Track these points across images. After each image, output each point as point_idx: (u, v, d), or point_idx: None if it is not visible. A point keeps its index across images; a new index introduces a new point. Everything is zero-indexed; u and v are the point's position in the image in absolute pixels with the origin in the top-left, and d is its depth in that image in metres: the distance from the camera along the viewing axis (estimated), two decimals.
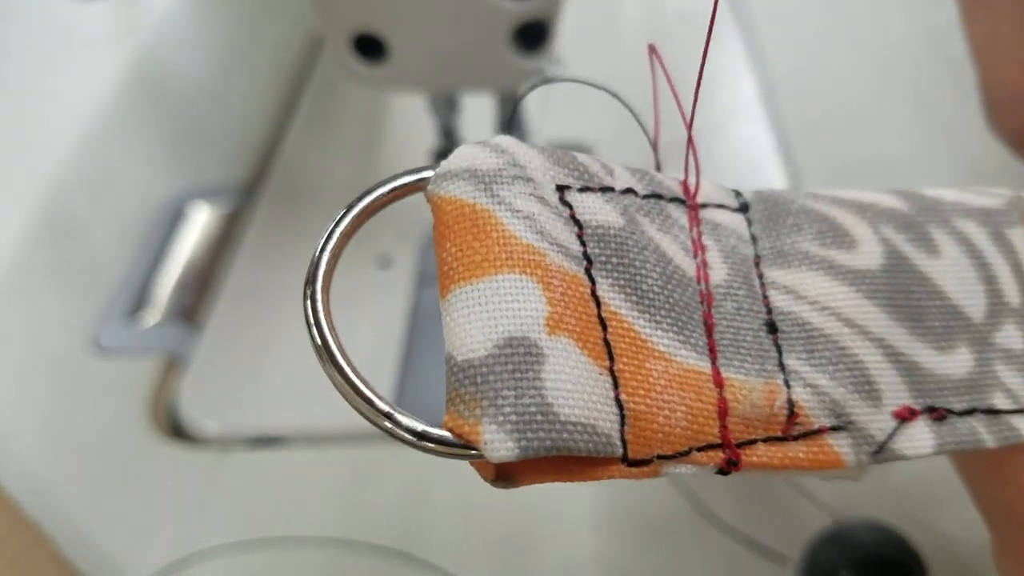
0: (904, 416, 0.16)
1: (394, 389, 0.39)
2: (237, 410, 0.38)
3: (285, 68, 0.59)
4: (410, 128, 0.52)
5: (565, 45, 0.38)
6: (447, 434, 0.13)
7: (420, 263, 0.45)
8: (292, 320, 0.41)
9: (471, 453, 0.13)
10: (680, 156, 0.16)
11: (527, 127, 0.44)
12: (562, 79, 0.19)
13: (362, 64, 0.34)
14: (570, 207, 0.15)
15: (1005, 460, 0.17)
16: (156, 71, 0.61)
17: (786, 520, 0.33)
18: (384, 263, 0.45)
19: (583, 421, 0.13)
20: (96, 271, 0.45)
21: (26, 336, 0.42)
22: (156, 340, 0.42)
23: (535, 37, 0.33)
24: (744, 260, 0.17)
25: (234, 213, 0.49)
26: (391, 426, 0.13)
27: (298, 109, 0.55)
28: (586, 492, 0.35)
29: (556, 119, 0.48)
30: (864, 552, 0.29)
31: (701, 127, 0.15)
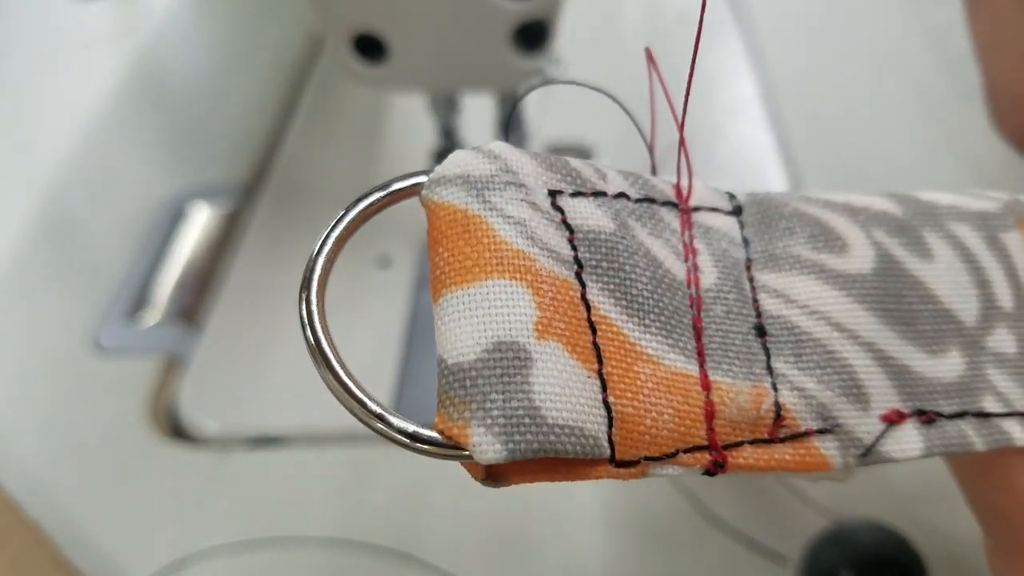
0: (892, 419, 0.16)
1: (393, 389, 0.39)
2: (237, 410, 0.38)
3: (285, 68, 0.59)
4: (410, 128, 0.52)
5: (565, 45, 0.38)
6: (438, 436, 0.13)
7: (419, 264, 0.45)
8: (292, 320, 0.41)
9: (461, 454, 0.13)
10: (675, 158, 0.16)
11: (527, 128, 0.44)
12: (560, 81, 0.19)
13: (362, 64, 0.34)
14: (562, 212, 0.15)
15: (995, 463, 0.17)
16: (156, 71, 0.61)
17: (786, 520, 0.33)
18: (384, 263, 0.45)
19: (570, 424, 0.13)
20: (96, 271, 0.45)
21: (26, 336, 0.42)
22: (156, 340, 0.42)
23: (535, 37, 0.33)
24: (735, 264, 0.17)
25: (234, 213, 0.49)
26: (383, 427, 0.13)
27: (298, 109, 0.55)
28: (586, 492, 0.35)
29: (556, 120, 0.48)
30: (864, 552, 0.29)
31: (701, 127, 0.15)
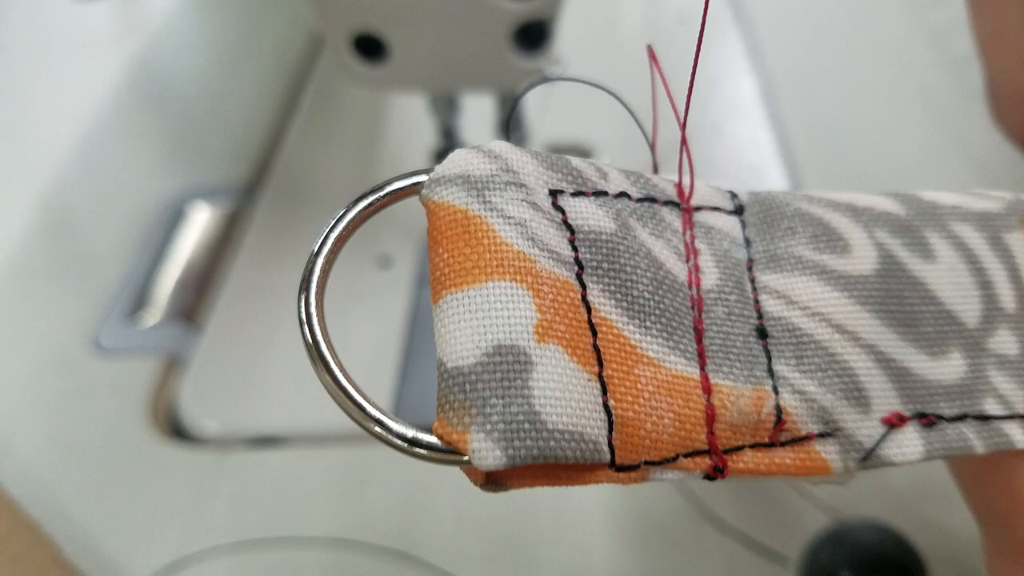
0: (893, 422, 0.16)
1: (394, 388, 0.39)
2: (237, 410, 0.38)
3: (285, 68, 0.59)
4: (410, 128, 0.52)
5: (565, 45, 0.38)
6: (437, 441, 0.13)
7: (420, 263, 0.45)
8: (292, 320, 0.41)
9: (461, 460, 0.13)
10: (676, 157, 0.16)
11: (527, 128, 0.44)
12: (561, 78, 0.19)
13: (362, 64, 0.34)
14: (563, 212, 0.15)
15: (994, 464, 0.17)
16: (156, 71, 0.61)
17: (786, 520, 0.33)
18: (384, 263, 0.45)
19: (570, 429, 0.13)
20: (96, 271, 0.45)
21: (26, 336, 0.42)
22: (156, 340, 0.42)
23: (535, 37, 0.33)
24: (737, 264, 0.17)
25: (234, 213, 0.49)
26: (381, 431, 0.13)
27: (298, 109, 0.55)
28: (587, 492, 0.35)
29: (556, 120, 0.48)
30: (864, 552, 0.29)
31: (701, 127, 0.15)
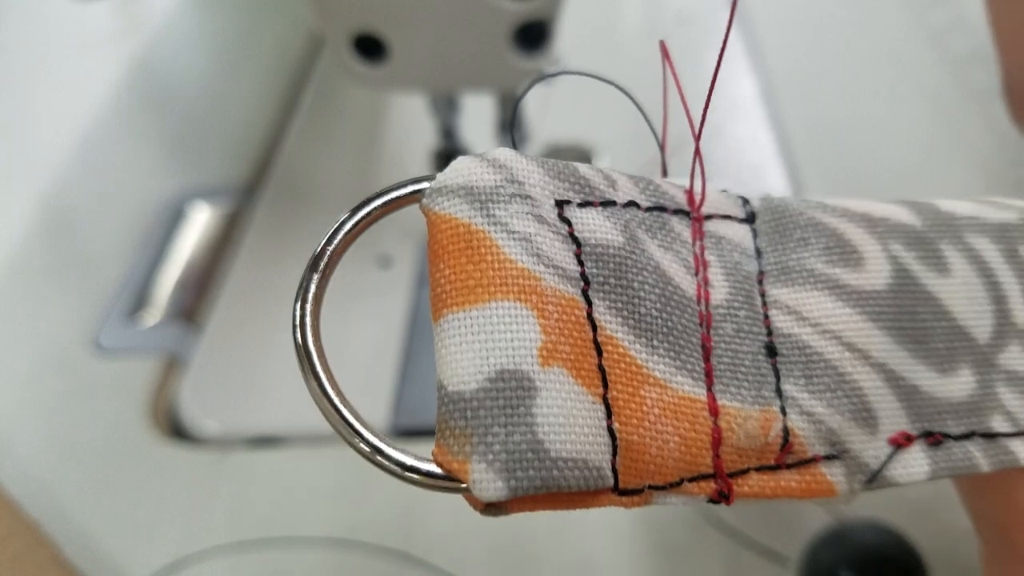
0: (900, 443, 0.16)
1: (394, 388, 0.39)
2: (237, 410, 0.38)
3: (285, 68, 0.59)
4: (410, 128, 0.52)
5: (565, 45, 0.38)
6: (436, 468, 0.13)
7: (420, 263, 0.45)
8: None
9: (459, 487, 0.13)
10: (681, 155, 0.16)
11: (527, 128, 0.44)
12: (568, 72, 0.18)
13: (362, 64, 0.34)
14: (569, 224, 0.15)
15: (998, 477, 0.17)
16: (156, 71, 0.61)
17: (786, 520, 0.33)
18: (384, 263, 0.45)
19: (574, 456, 0.13)
20: (96, 271, 0.45)
21: (26, 336, 0.42)
22: (156, 340, 0.42)
23: (535, 37, 0.33)
24: (747, 277, 0.16)
25: (234, 213, 0.49)
26: (382, 460, 0.13)
27: (298, 109, 0.55)
28: None
29: (556, 120, 0.48)
30: (864, 552, 0.29)
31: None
